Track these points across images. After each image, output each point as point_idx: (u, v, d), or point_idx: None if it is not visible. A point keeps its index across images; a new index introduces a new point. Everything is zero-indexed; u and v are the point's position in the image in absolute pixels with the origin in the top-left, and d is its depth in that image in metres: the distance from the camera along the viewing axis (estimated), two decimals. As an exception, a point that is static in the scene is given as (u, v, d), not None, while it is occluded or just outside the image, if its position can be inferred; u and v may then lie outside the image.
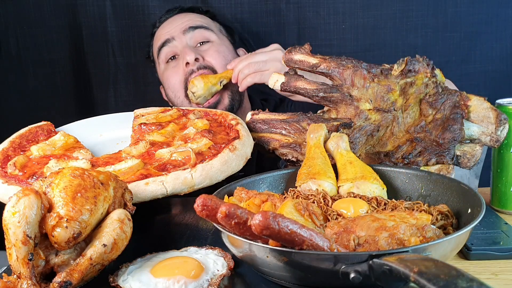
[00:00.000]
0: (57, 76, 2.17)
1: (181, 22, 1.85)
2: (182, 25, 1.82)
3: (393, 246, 0.82)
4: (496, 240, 1.02)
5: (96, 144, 1.36)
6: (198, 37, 1.82)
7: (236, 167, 1.20)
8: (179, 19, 1.87)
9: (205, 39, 1.83)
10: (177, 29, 1.82)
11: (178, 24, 1.84)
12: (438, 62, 1.36)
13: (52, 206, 0.87)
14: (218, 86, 1.73)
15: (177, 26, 1.84)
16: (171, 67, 1.84)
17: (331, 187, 1.11)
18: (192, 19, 1.86)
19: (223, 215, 0.80)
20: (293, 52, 1.38)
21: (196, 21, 1.85)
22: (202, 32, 1.83)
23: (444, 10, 2.10)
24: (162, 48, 1.84)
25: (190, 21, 1.83)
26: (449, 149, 1.23)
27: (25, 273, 0.83)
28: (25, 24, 2.11)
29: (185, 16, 1.89)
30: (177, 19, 1.88)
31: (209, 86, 1.71)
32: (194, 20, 1.85)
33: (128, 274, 0.92)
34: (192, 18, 1.87)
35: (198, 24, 1.83)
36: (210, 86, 1.72)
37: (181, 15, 1.90)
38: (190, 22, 1.83)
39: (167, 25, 1.88)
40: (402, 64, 1.32)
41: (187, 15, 1.89)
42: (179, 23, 1.85)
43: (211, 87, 1.72)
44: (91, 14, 2.12)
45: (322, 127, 1.25)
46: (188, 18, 1.87)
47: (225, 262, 0.96)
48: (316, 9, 2.11)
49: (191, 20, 1.85)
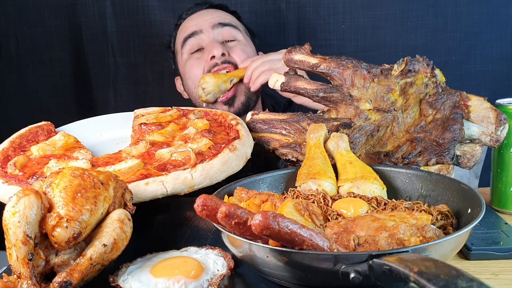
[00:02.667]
0: (57, 76, 2.17)
1: (211, 17, 1.86)
2: (212, 20, 1.84)
3: (393, 246, 0.82)
4: (496, 240, 1.02)
5: (96, 144, 1.36)
6: (225, 34, 1.84)
7: (236, 167, 1.20)
8: (208, 14, 1.89)
9: (232, 37, 1.85)
10: (206, 23, 1.84)
11: (207, 19, 1.86)
12: (438, 62, 1.36)
13: (52, 206, 0.87)
14: (228, 84, 1.73)
15: (206, 20, 1.85)
16: (195, 58, 1.85)
17: (331, 187, 1.11)
18: (221, 16, 1.88)
19: (223, 215, 0.80)
20: (293, 52, 1.38)
21: (225, 18, 1.87)
22: (230, 30, 1.85)
23: (444, 10, 2.10)
24: (189, 39, 1.85)
25: (219, 18, 1.85)
26: (449, 149, 1.24)
27: (25, 273, 0.83)
28: (25, 24, 2.12)
29: (214, 12, 1.91)
30: (206, 14, 1.90)
31: (219, 83, 1.72)
32: (223, 17, 1.87)
33: (128, 274, 0.92)
34: (221, 15, 1.88)
35: (227, 21, 1.85)
36: (220, 83, 1.72)
37: (210, 10, 1.92)
38: (219, 18, 1.85)
39: (196, 18, 1.89)
40: (402, 64, 1.32)
41: (216, 12, 1.91)
42: (209, 17, 1.86)
43: (221, 84, 1.72)
44: (91, 14, 2.12)
45: (322, 127, 1.25)
46: (217, 14, 1.89)
47: (225, 262, 0.96)
48: (316, 9, 2.11)
49: (220, 17, 1.87)
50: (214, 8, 1.93)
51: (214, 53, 1.77)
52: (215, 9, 1.93)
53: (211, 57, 1.79)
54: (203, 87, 1.72)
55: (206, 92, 1.72)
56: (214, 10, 1.92)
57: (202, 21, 1.86)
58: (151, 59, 2.18)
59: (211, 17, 1.87)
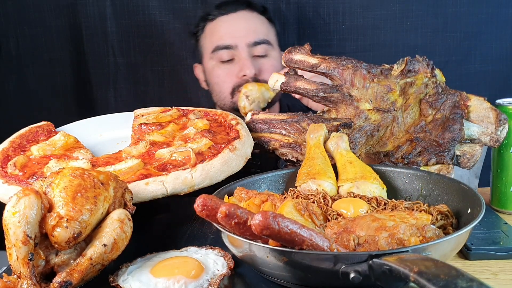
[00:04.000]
0: (57, 76, 2.17)
1: (246, 28, 1.85)
2: (248, 37, 1.83)
3: (393, 246, 0.82)
4: (496, 240, 1.02)
5: (96, 144, 1.36)
6: (259, 51, 1.86)
7: (236, 167, 1.20)
8: (244, 22, 1.88)
9: (265, 53, 1.87)
10: (241, 38, 1.83)
11: (243, 31, 1.85)
12: (438, 62, 1.36)
13: (52, 206, 0.87)
14: (271, 92, 1.69)
15: (242, 33, 1.84)
16: (225, 69, 1.86)
17: (331, 187, 1.11)
18: (257, 29, 1.87)
19: (223, 215, 0.80)
20: (293, 52, 1.38)
21: (260, 32, 1.86)
22: (264, 47, 1.86)
23: (444, 10, 2.10)
24: (222, 50, 1.85)
25: (255, 34, 1.85)
26: (449, 149, 1.24)
27: (25, 273, 0.83)
28: (25, 24, 2.11)
29: (249, 19, 1.89)
30: (241, 20, 1.88)
31: (262, 90, 1.67)
32: (258, 32, 1.86)
33: (128, 274, 0.92)
34: (256, 27, 1.87)
35: (261, 38, 1.85)
36: (263, 91, 1.67)
37: (245, 14, 1.89)
38: (255, 35, 1.84)
39: (231, 25, 1.87)
40: (402, 64, 1.32)
41: (251, 18, 1.89)
42: (244, 29, 1.85)
43: (265, 91, 1.68)
44: (91, 14, 2.12)
45: (322, 127, 1.25)
46: (253, 25, 1.87)
47: (225, 262, 0.96)
48: (316, 9, 2.11)
49: (256, 30, 1.86)
50: (250, 10, 1.90)
51: (247, 73, 1.80)
52: (251, 12, 1.90)
53: (243, 74, 1.81)
54: (247, 95, 1.65)
55: (250, 100, 1.67)
56: (250, 15, 1.90)
57: (238, 33, 1.84)
58: (151, 59, 2.18)
59: (247, 28, 1.85)
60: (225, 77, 1.87)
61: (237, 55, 1.84)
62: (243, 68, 1.81)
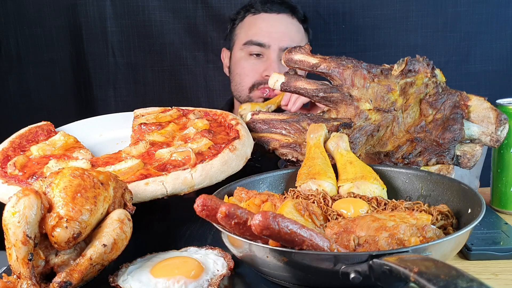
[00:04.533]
0: (57, 76, 2.17)
1: (284, 32, 1.86)
2: (282, 41, 1.83)
3: (393, 246, 0.82)
4: (496, 240, 1.02)
5: (96, 144, 1.36)
6: None
7: (236, 167, 1.20)
8: (284, 25, 1.87)
9: None
10: (276, 40, 1.83)
11: (280, 33, 1.85)
12: (438, 62, 1.36)
13: (52, 206, 0.87)
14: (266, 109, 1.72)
15: (278, 35, 1.84)
16: (251, 63, 1.88)
17: (331, 187, 1.11)
18: (293, 36, 1.87)
19: (223, 215, 0.80)
20: (293, 52, 1.38)
21: (295, 40, 1.86)
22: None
23: (444, 10, 2.10)
24: (254, 45, 1.86)
25: (290, 40, 1.84)
26: (449, 149, 1.23)
27: (25, 273, 0.83)
28: (25, 24, 2.11)
29: (289, 24, 1.89)
30: (281, 23, 1.88)
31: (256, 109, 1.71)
32: (293, 39, 1.86)
33: (128, 274, 0.92)
34: (293, 35, 1.87)
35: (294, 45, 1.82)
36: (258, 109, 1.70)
37: (287, 18, 1.89)
38: (290, 41, 1.84)
39: (271, 25, 1.87)
40: (402, 64, 1.32)
41: (291, 24, 1.89)
42: (281, 32, 1.85)
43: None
44: (91, 14, 2.12)
45: (322, 127, 1.25)
46: (291, 31, 1.87)
47: (225, 262, 0.96)
48: (316, 9, 2.11)
49: (291, 37, 1.86)
50: (291, 15, 1.90)
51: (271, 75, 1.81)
52: (292, 18, 1.90)
53: (266, 75, 1.82)
54: (241, 114, 1.71)
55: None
56: (290, 21, 1.89)
57: (274, 34, 1.85)
58: (151, 59, 2.18)
59: (284, 32, 1.86)
60: (249, 71, 1.87)
61: (267, 54, 1.85)
62: (269, 69, 1.81)
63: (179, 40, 2.15)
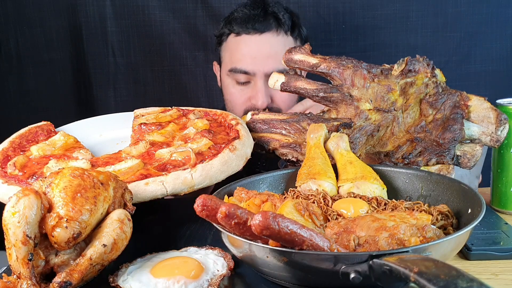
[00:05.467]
0: (57, 76, 2.17)
1: (267, 55, 1.75)
2: (267, 66, 1.74)
3: (393, 246, 0.82)
4: (496, 240, 1.02)
5: (96, 144, 1.36)
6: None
7: (236, 167, 1.20)
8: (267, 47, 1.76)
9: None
10: (260, 67, 1.75)
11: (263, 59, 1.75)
12: (438, 62, 1.36)
13: (52, 206, 0.87)
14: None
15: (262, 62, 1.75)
16: (240, 90, 1.82)
17: (331, 187, 1.11)
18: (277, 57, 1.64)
19: (223, 215, 0.80)
20: (293, 52, 1.38)
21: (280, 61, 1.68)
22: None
23: (444, 10, 2.10)
24: (239, 73, 1.79)
25: (275, 63, 1.71)
26: (449, 149, 1.23)
27: (25, 273, 0.83)
28: (25, 24, 2.11)
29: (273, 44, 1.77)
30: (264, 46, 1.77)
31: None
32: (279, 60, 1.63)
33: (128, 274, 0.92)
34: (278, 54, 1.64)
35: (281, 69, 1.67)
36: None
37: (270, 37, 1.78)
38: (274, 64, 1.71)
39: (253, 49, 1.77)
40: (402, 64, 1.32)
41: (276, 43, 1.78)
42: (264, 57, 1.75)
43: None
44: (91, 14, 2.12)
45: (322, 127, 1.25)
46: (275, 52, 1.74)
47: (225, 262, 0.96)
48: (316, 9, 2.11)
49: (276, 59, 1.68)
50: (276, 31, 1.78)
51: (258, 105, 1.75)
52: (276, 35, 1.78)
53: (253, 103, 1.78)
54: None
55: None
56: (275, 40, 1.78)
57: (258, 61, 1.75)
58: (151, 59, 2.18)
59: (268, 55, 1.75)
60: (238, 99, 1.83)
61: (253, 80, 1.79)
62: (256, 97, 1.77)
63: (179, 40, 2.15)
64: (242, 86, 1.82)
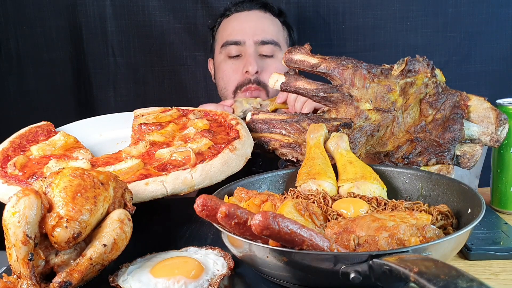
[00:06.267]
0: (57, 76, 2.17)
1: (256, 26, 1.88)
2: (256, 36, 1.86)
3: (393, 246, 0.82)
4: (496, 240, 1.02)
5: (96, 144, 1.36)
6: (265, 51, 1.87)
7: (236, 167, 1.20)
8: (255, 21, 1.90)
9: (271, 53, 1.88)
10: (249, 35, 1.86)
11: (252, 28, 1.87)
12: (438, 62, 1.36)
13: (52, 206, 0.87)
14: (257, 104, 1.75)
15: (251, 30, 1.87)
16: (231, 64, 1.89)
17: (331, 187, 1.11)
18: (266, 29, 1.89)
19: (223, 215, 0.80)
20: (293, 52, 1.38)
21: (269, 32, 1.89)
22: (270, 47, 1.88)
23: (444, 10, 2.10)
24: (230, 45, 1.88)
25: (263, 33, 1.87)
26: (449, 149, 1.23)
27: (25, 273, 0.83)
28: (25, 24, 2.12)
29: (261, 18, 1.91)
30: (252, 18, 1.91)
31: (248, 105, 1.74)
32: (267, 31, 1.89)
33: (128, 274, 0.92)
34: (267, 27, 1.90)
35: (269, 38, 1.88)
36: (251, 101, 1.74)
37: (258, 13, 1.92)
38: (264, 34, 1.87)
39: (242, 22, 1.90)
40: (402, 64, 1.32)
41: (264, 18, 1.92)
42: (254, 26, 1.88)
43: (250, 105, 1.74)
44: (91, 14, 2.12)
45: (322, 127, 1.25)
46: (264, 26, 1.89)
47: (225, 262, 0.96)
48: (316, 9, 2.11)
49: (265, 30, 1.88)
50: (263, 10, 1.93)
51: (249, 69, 1.82)
52: (264, 13, 1.93)
53: (245, 71, 1.84)
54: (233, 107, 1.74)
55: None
56: (263, 15, 1.92)
57: (247, 30, 1.87)
58: (151, 59, 2.18)
59: (256, 26, 1.88)
60: (230, 73, 1.89)
61: (244, 51, 1.87)
62: (247, 64, 1.83)
63: (179, 40, 2.16)
64: (234, 60, 1.89)
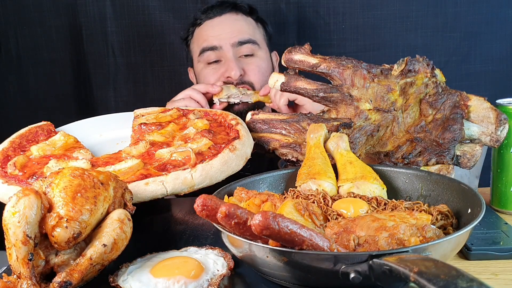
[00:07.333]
0: (57, 76, 2.17)
1: (231, 30, 1.85)
2: (232, 38, 1.83)
3: (393, 246, 0.82)
4: (496, 240, 1.02)
5: (96, 144, 1.36)
6: (244, 51, 1.86)
7: (236, 167, 1.20)
8: (229, 24, 1.87)
9: (251, 52, 1.87)
10: (226, 39, 1.84)
11: (227, 32, 1.85)
12: (438, 62, 1.36)
13: (52, 206, 0.87)
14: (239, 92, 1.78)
15: (227, 35, 1.84)
16: (211, 69, 1.87)
17: (331, 187, 1.11)
18: (241, 29, 1.87)
19: (223, 215, 0.80)
20: (293, 52, 1.38)
21: (245, 32, 1.87)
22: (249, 46, 1.87)
23: (444, 10, 2.10)
24: (207, 51, 1.86)
25: (239, 34, 1.85)
26: (449, 149, 1.23)
27: (25, 273, 0.83)
28: (25, 24, 2.12)
29: (234, 20, 1.89)
30: (226, 23, 1.88)
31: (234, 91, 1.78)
32: (243, 32, 1.86)
33: (128, 274, 0.92)
34: (241, 28, 1.87)
35: (246, 38, 1.86)
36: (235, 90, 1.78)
37: (230, 16, 1.89)
38: (240, 35, 1.85)
39: (216, 27, 1.87)
40: (402, 64, 1.32)
41: (236, 20, 1.89)
42: (228, 30, 1.85)
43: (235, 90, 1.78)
44: (91, 14, 2.12)
45: (322, 127, 1.25)
46: (238, 27, 1.87)
47: (225, 262, 0.96)
48: (316, 9, 2.11)
49: (240, 31, 1.86)
50: (235, 12, 1.90)
51: (232, 75, 1.80)
52: (236, 14, 1.90)
53: (227, 76, 1.82)
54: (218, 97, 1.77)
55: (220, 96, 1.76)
56: (235, 17, 1.89)
57: (223, 35, 1.85)
58: (151, 59, 2.18)
59: (231, 29, 1.85)
60: (211, 77, 1.86)
61: (223, 56, 1.84)
62: (228, 70, 1.81)
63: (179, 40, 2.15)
64: (214, 65, 1.87)
